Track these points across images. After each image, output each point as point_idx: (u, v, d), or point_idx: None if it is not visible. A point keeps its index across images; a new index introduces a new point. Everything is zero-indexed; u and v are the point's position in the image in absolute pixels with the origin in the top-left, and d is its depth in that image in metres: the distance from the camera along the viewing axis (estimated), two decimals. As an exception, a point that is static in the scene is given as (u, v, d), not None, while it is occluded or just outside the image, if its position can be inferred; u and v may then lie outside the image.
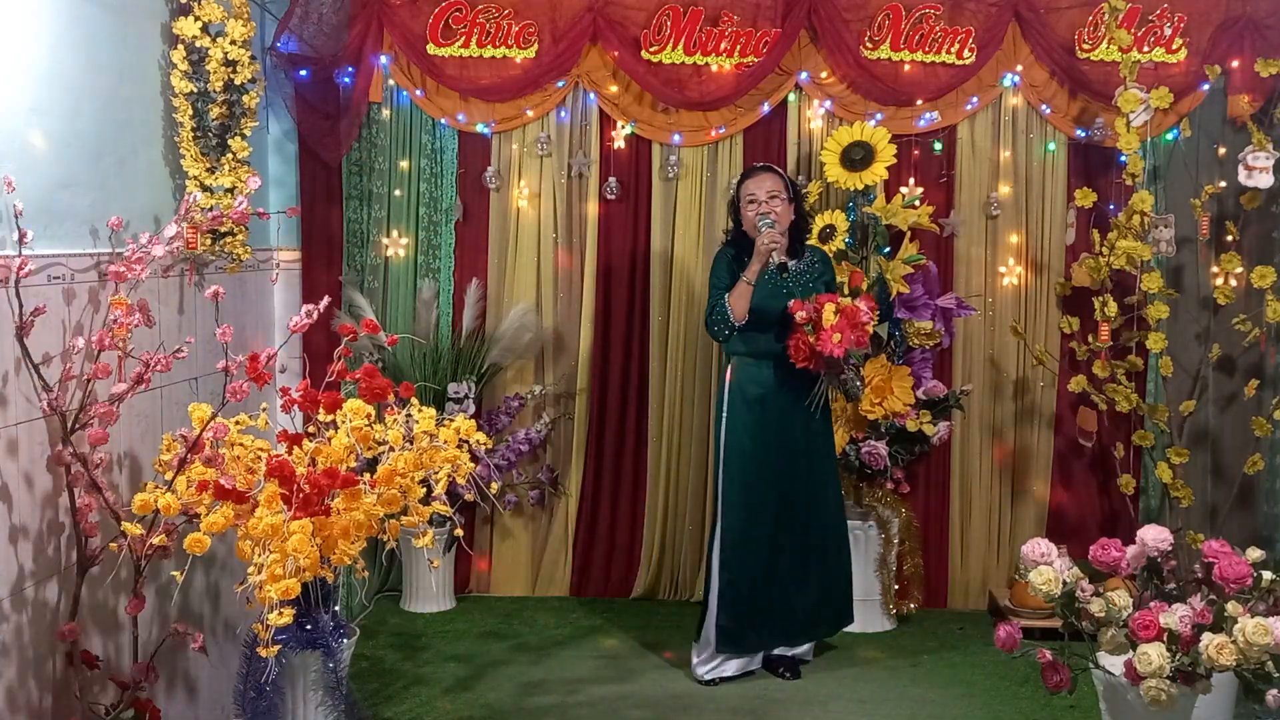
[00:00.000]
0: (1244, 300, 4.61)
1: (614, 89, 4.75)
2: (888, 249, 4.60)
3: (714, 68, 4.72)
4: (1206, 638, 2.89)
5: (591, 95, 4.78)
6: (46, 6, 2.92)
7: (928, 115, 4.76)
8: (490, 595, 4.98)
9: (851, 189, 4.58)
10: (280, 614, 2.94)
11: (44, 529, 2.85)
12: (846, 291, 4.23)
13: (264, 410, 3.42)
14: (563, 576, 4.98)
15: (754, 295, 3.89)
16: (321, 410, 3.29)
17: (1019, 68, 4.73)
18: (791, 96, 4.82)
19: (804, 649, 4.24)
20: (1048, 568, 3.08)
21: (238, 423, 3.23)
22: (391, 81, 4.71)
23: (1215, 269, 4.67)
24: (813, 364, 3.82)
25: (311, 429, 3.35)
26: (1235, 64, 4.60)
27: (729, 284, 3.92)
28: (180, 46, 3.52)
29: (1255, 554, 3.05)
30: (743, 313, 3.90)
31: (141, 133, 3.42)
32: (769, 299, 3.91)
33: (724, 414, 4.04)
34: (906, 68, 4.72)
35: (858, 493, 4.66)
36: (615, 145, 4.81)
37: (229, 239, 3.66)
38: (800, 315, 3.77)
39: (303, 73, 4.47)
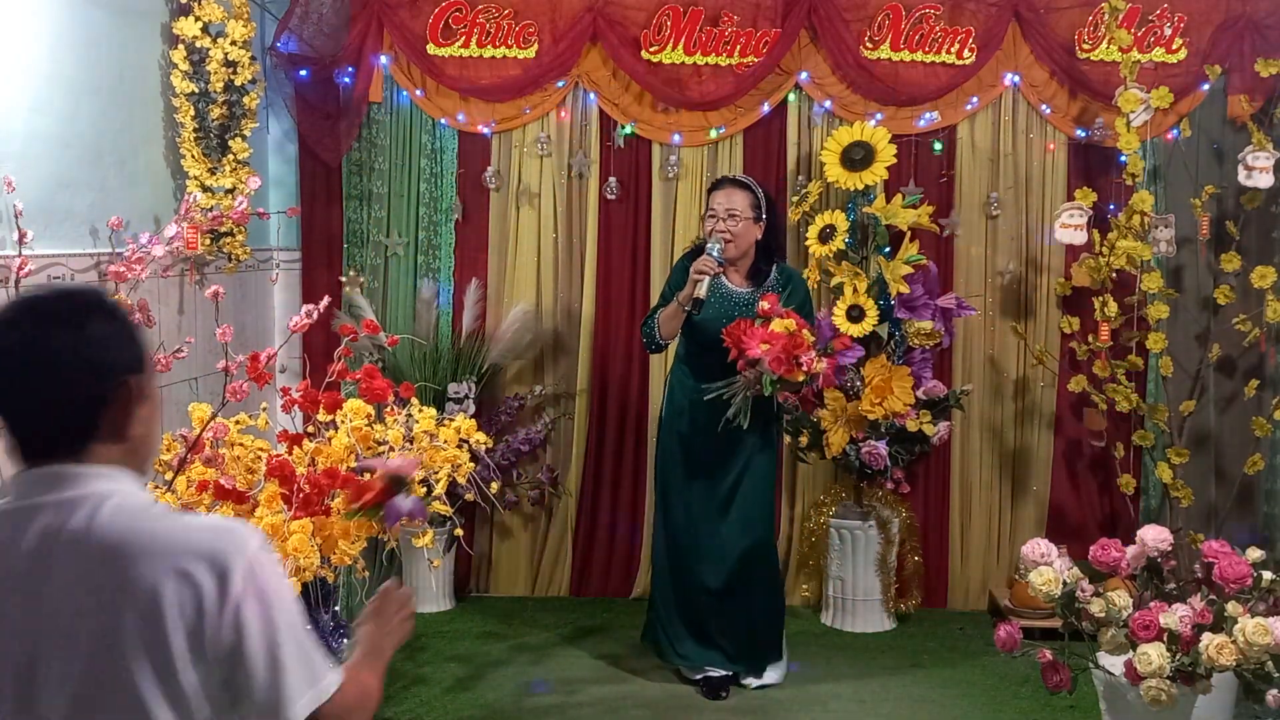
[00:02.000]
0: (1244, 300, 4.61)
1: (614, 89, 4.75)
2: (888, 249, 4.59)
3: (714, 68, 4.72)
4: (1206, 638, 2.89)
5: (591, 95, 4.78)
6: (46, 6, 2.92)
7: (928, 115, 4.75)
8: (490, 595, 4.98)
9: (851, 189, 4.58)
10: (280, 614, 2.93)
11: (44, 529, 2.85)
12: (826, 343, 4.08)
13: (264, 410, 3.41)
14: (563, 576, 4.98)
15: (705, 310, 3.75)
16: (321, 410, 3.29)
17: (1019, 68, 4.73)
18: (791, 96, 4.81)
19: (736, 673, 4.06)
20: (1048, 568, 3.08)
21: (238, 423, 3.23)
22: (392, 81, 4.71)
23: (1215, 268, 4.67)
24: (733, 353, 3.60)
25: (311, 429, 3.35)
26: (1235, 64, 4.60)
27: (673, 296, 3.83)
28: (180, 47, 3.52)
29: (1255, 554, 3.05)
30: (670, 333, 3.85)
31: (141, 133, 3.42)
32: (714, 318, 3.77)
33: (661, 416, 4.09)
34: (906, 68, 4.72)
35: (858, 493, 4.66)
36: (615, 145, 4.81)
37: (228, 239, 3.66)
38: (763, 306, 3.63)
39: (303, 73, 4.47)
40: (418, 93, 4.70)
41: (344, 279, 4.74)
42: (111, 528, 1.31)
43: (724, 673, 3.98)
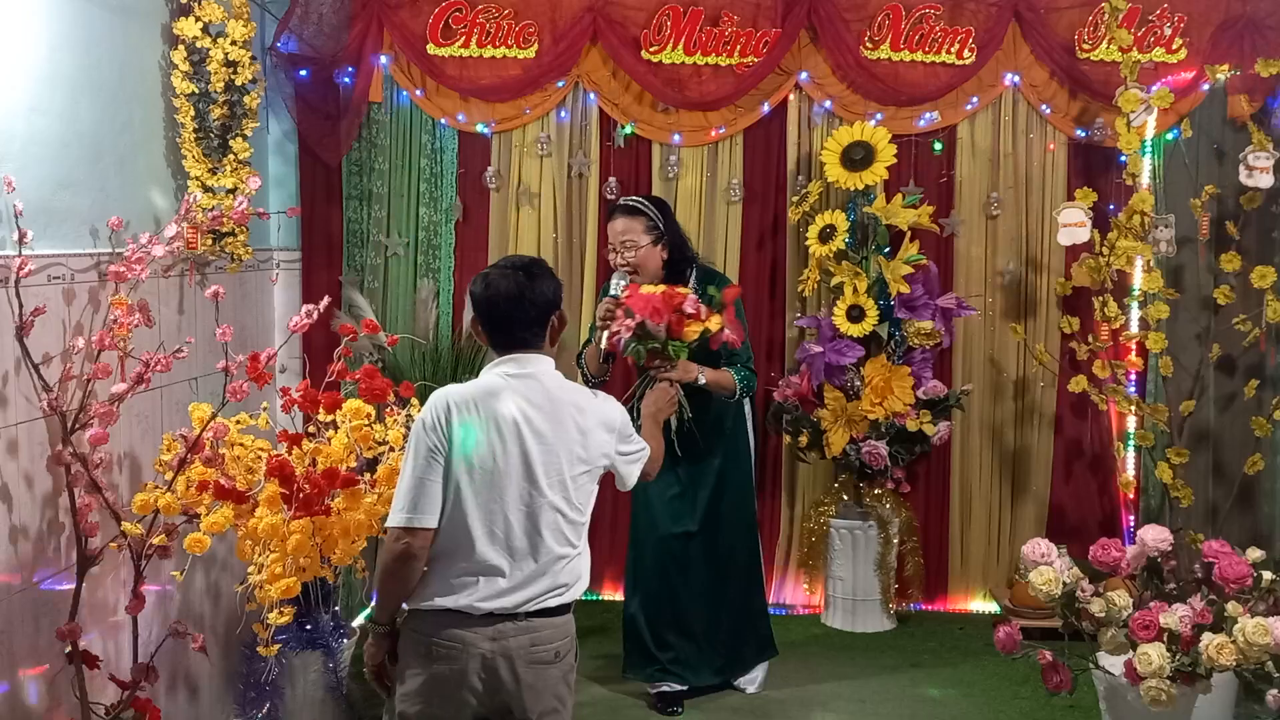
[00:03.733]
0: (1244, 300, 4.61)
1: (614, 89, 4.75)
2: (888, 249, 4.60)
3: (714, 68, 4.72)
4: (1206, 638, 2.89)
5: (591, 95, 4.78)
6: (46, 6, 2.92)
7: (928, 115, 4.76)
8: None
9: (851, 189, 4.58)
10: (280, 614, 2.94)
11: (44, 529, 2.85)
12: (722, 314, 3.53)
13: (264, 410, 3.42)
14: (563, 576, 4.96)
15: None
16: (321, 410, 3.29)
17: (1019, 68, 4.73)
18: (791, 96, 4.81)
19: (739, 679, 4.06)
20: (1048, 568, 3.08)
21: (238, 423, 3.24)
22: (392, 81, 4.70)
23: (1215, 269, 4.67)
24: (609, 341, 3.35)
25: (311, 429, 3.35)
26: (1235, 64, 4.60)
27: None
28: (181, 47, 3.52)
29: (1255, 554, 3.05)
30: (596, 371, 3.76)
31: (141, 133, 3.42)
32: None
33: None
34: (906, 68, 4.72)
35: (858, 493, 4.66)
36: (615, 145, 4.81)
37: (230, 239, 3.66)
38: (625, 295, 3.36)
39: (303, 73, 4.47)
40: (418, 93, 4.70)
41: (343, 279, 4.74)
42: (564, 387, 2.46)
43: (681, 687, 3.91)
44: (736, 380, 3.70)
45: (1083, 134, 4.75)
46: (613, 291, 3.48)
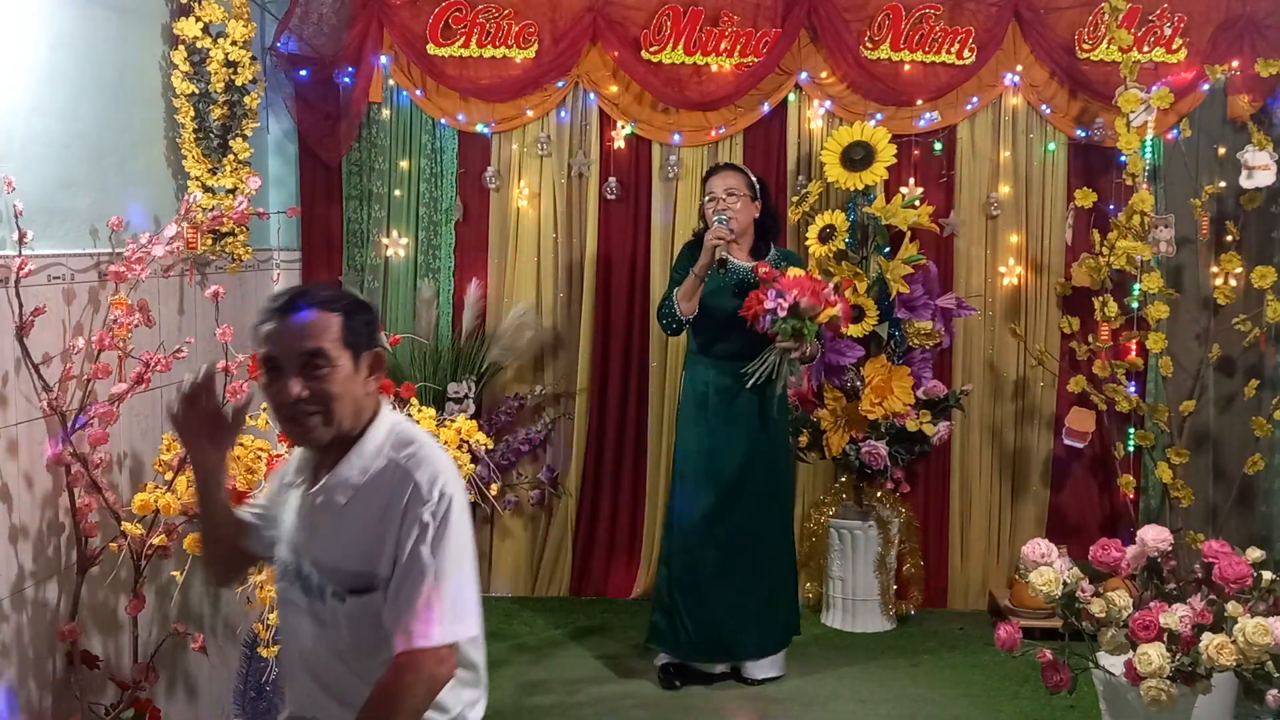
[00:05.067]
0: (1244, 300, 4.61)
1: (614, 89, 4.75)
2: (888, 249, 4.60)
3: (714, 68, 4.72)
4: (1206, 638, 2.89)
5: (591, 95, 4.78)
6: (46, 6, 2.92)
7: (928, 115, 4.75)
8: (490, 595, 4.97)
9: (851, 189, 4.58)
10: (280, 614, 2.94)
11: (44, 529, 2.85)
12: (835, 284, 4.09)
13: (264, 410, 3.41)
14: (563, 576, 4.98)
15: (703, 292, 3.89)
16: (321, 410, 3.28)
17: (1019, 68, 4.73)
18: (791, 96, 4.81)
19: (756, 665, 4.11)
20: (1048, 568, 3.08)
21: (238, 423, 3.23)
22: (391, 81, 4.70)
23: (1215, 269, 4.67)
24: (759, 321, 3.74)
25: (311, 429, 3.34)
26: (1235, 64, 4.60)
27: (681, 279, 3.95)
28: (181, 47, 3.52)
29: (1255, 554, 3.05)
30: (690, 308, 3.91)
31: (141, 133, 3.42)
32: (715, 297, 3.90)
33: (678, 413, 4.13)
34: (906, 68, 4.72)
35: (858, 493, 4.66)
36: (615, 145, 4.81)
37: (230, 239, 3.66)
38: (763, 271, 3.78)
39: (303, 73, 4.47)
40: (418, 93, 4.70)
41: (343, 278, 4.74)
42: None
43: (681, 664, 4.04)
44: (820, 346, 4.06)
45: (1083, 134, 4.75)
46: (720, 221, 3.85)
